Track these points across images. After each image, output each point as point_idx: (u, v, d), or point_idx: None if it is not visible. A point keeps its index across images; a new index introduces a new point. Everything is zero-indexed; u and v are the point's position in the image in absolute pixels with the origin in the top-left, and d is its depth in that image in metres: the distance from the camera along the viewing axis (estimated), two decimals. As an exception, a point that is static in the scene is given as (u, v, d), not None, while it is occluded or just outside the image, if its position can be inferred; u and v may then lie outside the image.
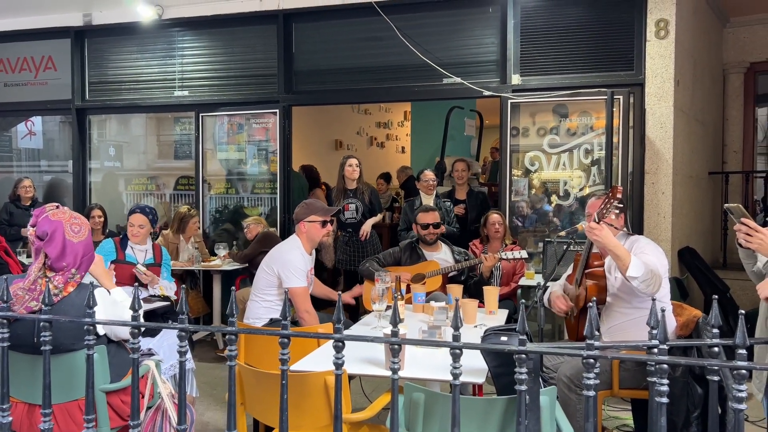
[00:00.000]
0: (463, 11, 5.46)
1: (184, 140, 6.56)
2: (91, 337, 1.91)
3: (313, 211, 3.72)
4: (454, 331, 1.64)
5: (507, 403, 1.85)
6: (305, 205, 3.79)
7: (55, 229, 2.36)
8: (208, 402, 4.09)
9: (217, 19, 6.05)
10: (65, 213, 2.45)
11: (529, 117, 5.37)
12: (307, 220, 3.69)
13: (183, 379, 1.88)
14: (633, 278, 2.67)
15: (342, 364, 1.72)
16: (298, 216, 3.73)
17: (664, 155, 4.93)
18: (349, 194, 5.43)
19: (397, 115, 11.07)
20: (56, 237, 2.35)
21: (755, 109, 7.21)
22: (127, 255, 4.08)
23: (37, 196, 6.45)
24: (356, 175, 5.39)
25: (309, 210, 3.73)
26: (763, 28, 6.82)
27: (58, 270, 2.34)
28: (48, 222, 2.37)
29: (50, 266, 2.34)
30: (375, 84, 5.76)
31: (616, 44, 5.08)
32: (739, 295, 5.46)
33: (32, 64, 6.81)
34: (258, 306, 3.63)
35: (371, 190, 5.64)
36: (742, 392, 1.48)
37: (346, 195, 5.42)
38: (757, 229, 2.17)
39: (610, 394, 2.97)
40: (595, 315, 1.57)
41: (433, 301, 3.36)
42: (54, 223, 2.37)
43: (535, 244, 5.29)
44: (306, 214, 3.71)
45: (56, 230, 2.36)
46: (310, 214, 3.71)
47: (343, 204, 5.38)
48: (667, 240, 4.93)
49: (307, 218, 3.69)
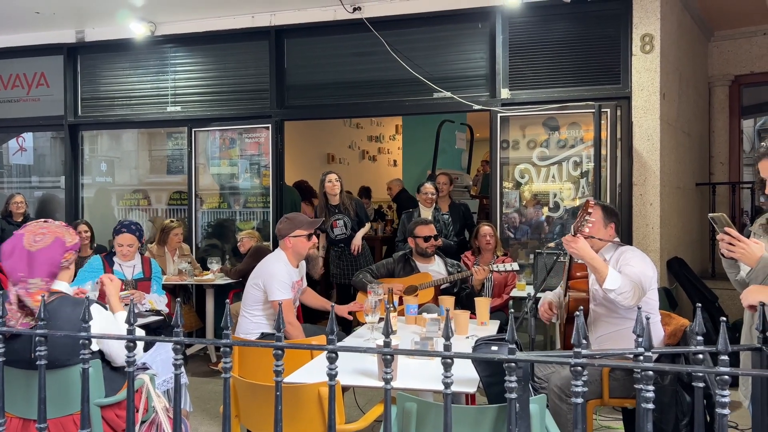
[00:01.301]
0: (452, 27, 5.55)
1: (177, 155, 6.58)
2: (86, 351, 1.93)
3: (297, 226, 3.74)
4: (445, 341, 1.68)
5: (498, 411, 1.88)
6: (288, 220, 3.79)
7: (15, 243, 2.35)
8: (201, 417, 4.09)
9: (209, 35, 6.11)
10: (36, 226, 2.42)
11: (518, 130, 5.45)
12: (292, 235, 3.71)
13: (178, 392, 1.90)
14: (609, 290, 2.72)
15: (335, 374, 1.75)
16: (282, 232, 3.73)
17: (652, 167, 5.01)
18: (334, 210, 5.46)
19: (388, 128, 11.16)
20: (15, 251, 2.33)
21: (741, 121, 7.33)
22: (114, 272, 4.06)
23: (29, 212, 6.45)
24: (337, 190, 5.41)
25: (293, 225, 3.74)
26: (747, 42, 6.96)
27: (16, 282, 2.30)
28: (11, 239, 2.38)
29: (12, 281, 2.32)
30: (366, 99, 5.82)
31: (602, 59, 5.17)
32: (729, 305, 5.52)
33: (25, 80, 6.83)
34: (248, 321, 3.65)
35: (355, 202, 5.68)
36: (725, 397, 1.52)
37: (331, 212, 5.44)
38: (740, 238, 2.22)
39: (600, 403, 3.00)
40: (582, 324, 1.61)
41: (425, 312, 3.40)
42: (15, 237, 2.37)
43: (526, 255, 5.34)
44: (290, 229, 3.72)
45: (16, 244, 2.34)
46: (294, 228, 3.72)
47: (330, 221, 5.41)
48: (656, 250, 4.99)
49: (292, 233, 3.71)
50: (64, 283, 2.45)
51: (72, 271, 2.51)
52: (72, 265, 2.49)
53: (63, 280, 2.45)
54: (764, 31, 6.83)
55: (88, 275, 3.98)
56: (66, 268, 2.44)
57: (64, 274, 2.45)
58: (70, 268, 2.48)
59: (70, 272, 2.50)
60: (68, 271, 2.47)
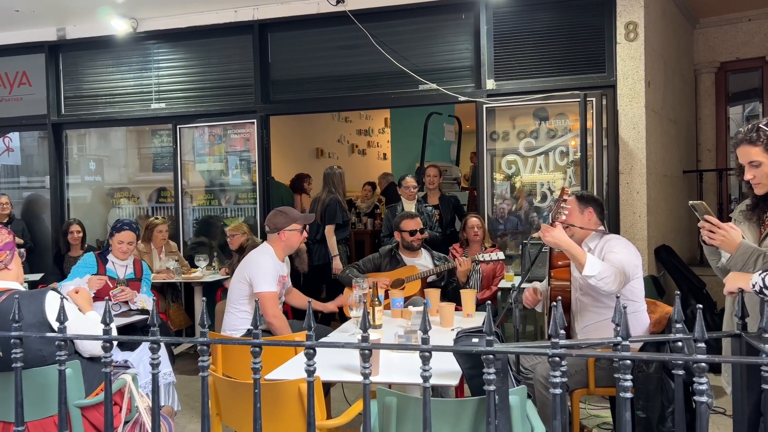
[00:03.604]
0: (436, 18, 5.52)
1: (164, 153, 6.53)
2: (62, 352, 1.91)
3: (293, 219, 3.73)
4: (423, 335, 1.66)
5: (478, 403, 1.87)
6: (283, 213, 3.76)
7: None
8: (190, 415, 4.07)
9: (192, 30, 6.05)
10: None
11: (505, 121, 5.44)
12: (288, 228, 3.69)
13: (156, 392, 1.88)
14: (589, 277, 2.72)
15: (314, 371, 1.74)
16: (278, 225, 3.70)
17: (638, 155, 5.00)
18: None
19: (377, 122, 11.12)
20: None
21: (727, 108, 7.34)
22: (107, 270, 4.04)
23: (14, 212, 6.39)
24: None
25: (289, 218, 3.73)
26: (732, 28, 6.96)
27: None
28: None
29: None
30: (352, 92, 5.79)
31: (587, 47, 5.16)
32: (717, 291, 5.52)
33: (6, 79, 6.75)
34: (235, 317, 3.62)
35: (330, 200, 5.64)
36: (702, 385, 1.52)
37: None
38: (719, 225, 2.22)
39: (587, 393, 3.00)
40: (560, 315, 1.60)
41: (411, 306, 3.38)
42: None
43: (515, 247, 5.34)
44: (287, 222, 3.70)
45: None
46: (290, 222, 3.71)
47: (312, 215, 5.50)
48: (644, 239, 5.00)
49: (288, 227, 3.69)
50: (11, 282, 2.44)
51: (15, 271, 2.50)
52: (13, 265, 2.48)
53: (8, 279, 2.44)
54: (749, 17, 6.83)
55: (83, 271, 3.96)
56: (4, 268, 2.44)
57: (5, 274, 2.44)
58: (10, 269, 2.47)
59: (14, 272, 2.49)
60: (9, 271, 2.46)
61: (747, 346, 1.84)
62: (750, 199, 2.36)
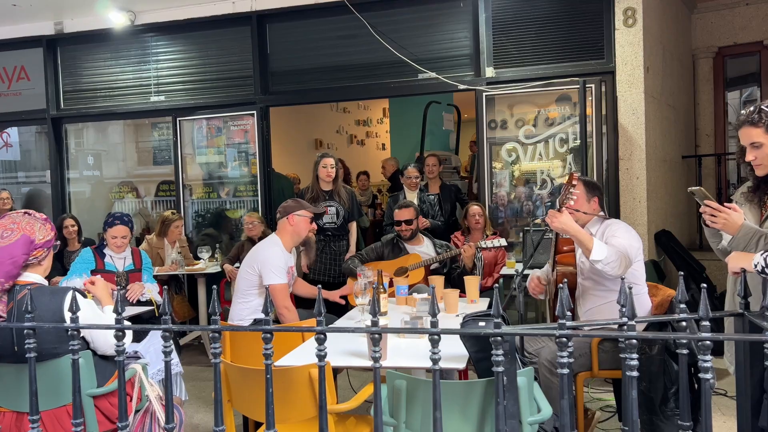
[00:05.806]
0: (434, 6, 5.51)
1: (164, 146, 6.54)
2: (75, 342, 1.94)
3: (303, 206, 3.78)
4: (431, 318, 1.69)
5: (486, 385, 1.91)
6: (296, 201, 3.85)
7: None
8: (197, 404, 4.11)
9: (190, 22, 6.04)
10: (9, 220, 2.39)
11: (505, 109, 5.45)
12: (297, 213, 3.72)
13: (169, 379, 1.91)
14: (596, 261, 2.75)
15: (325, 356, 1.76)
16: (288, 209, 3.74)
17: (637, 141, 5.02)
18: (325, 196, 5.02)
19: (376, 112, 11.11)
20: None
21: (725, 93, 7.35)
22: (106, 264, 4.06)
23: (15, 207, 6.40)
24: (331, 178, 5.00)
25: (299, 204, 3.79)
26: (730, 13, 6.96)
27: None
28: None
29: None
30: (351, 82, 5.79)
31: (586, 34, 5.16)
32: (717, 275, 5.58)
33: (5, 74, 6.74)
34: (242, 308, 3.65)
35: (350, 193, 5.24)
36: (707, 362, 1.55)
37: (322, 197, 5.00)
38: (720, 209, 2.25)
39: (590, 376, 3.04)
40: (567, 296, 1.63)
41: (415, 293, 3.42)
42: None
43: (516, 234, 5.37)
44: (297, 207, 3.75)
45: None
46: (300, 208, 3.75)
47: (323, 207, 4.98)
48: (644, 224, 5.03)
49: (298, 212, 3.72)
50: (37, 276, 2.43)
51: (45, 266, 2.48)
52: (45, 261, 2.46)
53: (36, 273, 2.43)
54: (746, 2, 6.83)
55: (81, 267, 3.98)
56: (36, 264, 2.42)
57: (35, 269, 2.42)
58: (42, 264, 2.45)
59: (44, 267, 2.47)
60: (40, 266, 2.44)
61: (750, 325, 1.88)
62: (751, 181, 2.39)
